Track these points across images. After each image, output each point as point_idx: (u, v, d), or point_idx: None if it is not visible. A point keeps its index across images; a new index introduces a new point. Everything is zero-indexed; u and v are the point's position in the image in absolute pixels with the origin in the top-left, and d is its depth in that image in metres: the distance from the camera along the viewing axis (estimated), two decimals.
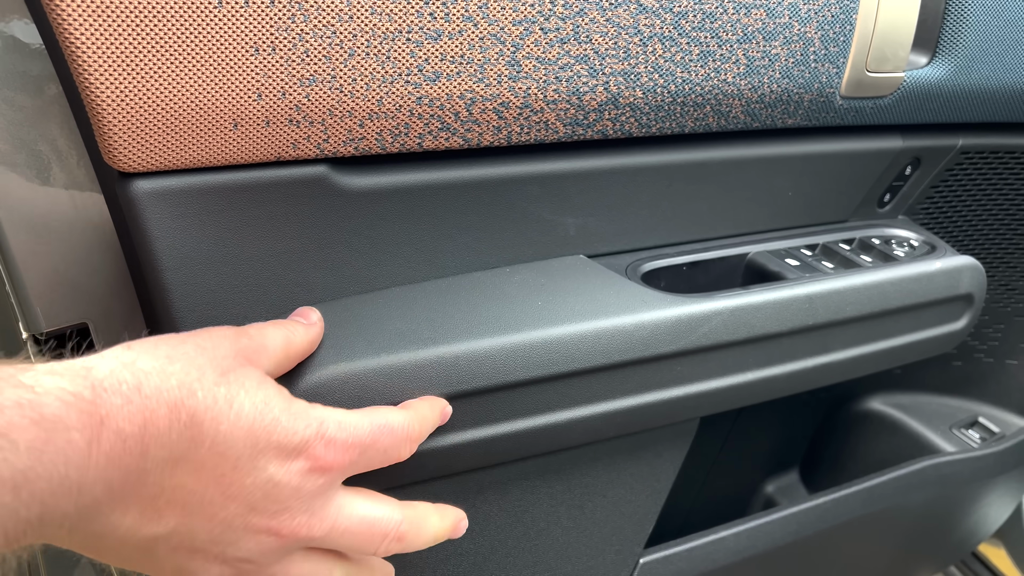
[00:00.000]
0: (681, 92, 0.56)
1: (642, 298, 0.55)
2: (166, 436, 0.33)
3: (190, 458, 0.35)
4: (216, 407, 0.35)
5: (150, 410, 0.33)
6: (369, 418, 0.42)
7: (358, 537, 0.41)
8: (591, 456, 0.59)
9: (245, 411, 0.36)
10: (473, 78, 0.48)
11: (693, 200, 0.63)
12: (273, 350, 0.42)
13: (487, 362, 0.49)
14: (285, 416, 0.38)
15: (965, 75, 0.66)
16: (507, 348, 0.49)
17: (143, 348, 0.35)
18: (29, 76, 0.46)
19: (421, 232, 0.52)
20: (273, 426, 0.37)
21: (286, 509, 0.38)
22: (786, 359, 0.61)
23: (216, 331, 0.40)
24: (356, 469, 0.41)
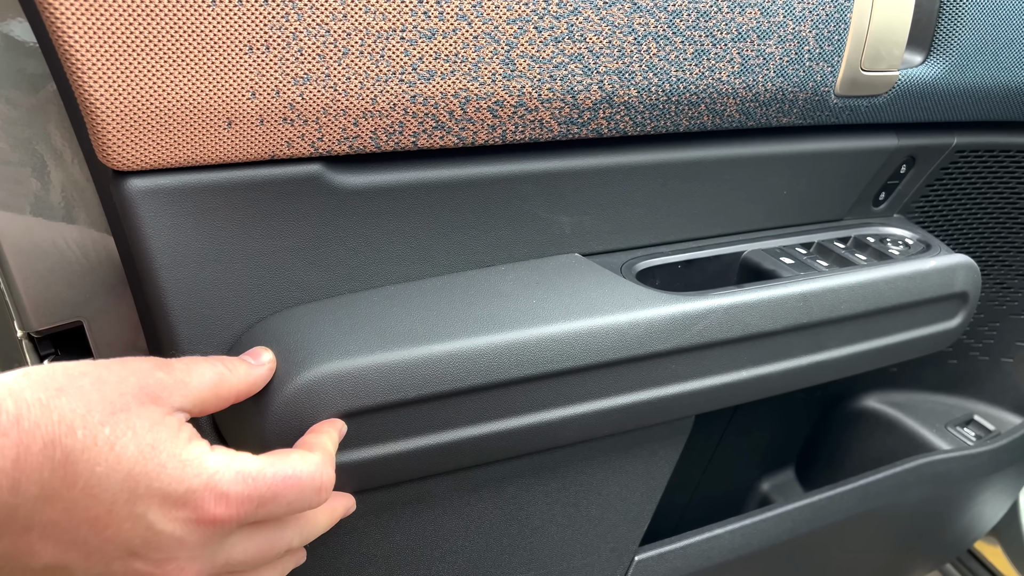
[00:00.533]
0: (676, 91, 0.56)
1: (636, 296, 0.56)
2: (38, 473, 0.32)
3: (62, 496, 0.33)
4: (95, 447, 0.34)
5: (24, 445, 0.32)
6: (274, 468, 0.39)
7: (252, 564, 0.41)
8: (586, 454, 0.60)
9: (128, 454, 0.35)
10: (467, 77, 0.48)
11: (688, 199, 0.63)
12: (197, 388, 0.40)
13: (481, 360, 0.49)
14: (172, 463, 0.36)
15: (960, 74, 0.66)
16: (501, 346, 0.49)
17: (37, 376, 0.34)
18: (25, 74, 0.46)
19: (416, 230, 0.53)
20: (156, 472, 0.35)
21: (171, 558, 0.37)
22: (781, 357, 0.61)
23: (131, 362, 0.38)
24: (255, 519, 0.39)
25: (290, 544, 0.43)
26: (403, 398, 0.47)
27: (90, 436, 0.34)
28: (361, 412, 0.47)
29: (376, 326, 0.48)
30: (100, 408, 0.35)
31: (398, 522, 0.54)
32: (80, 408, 0.34)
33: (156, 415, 0.37)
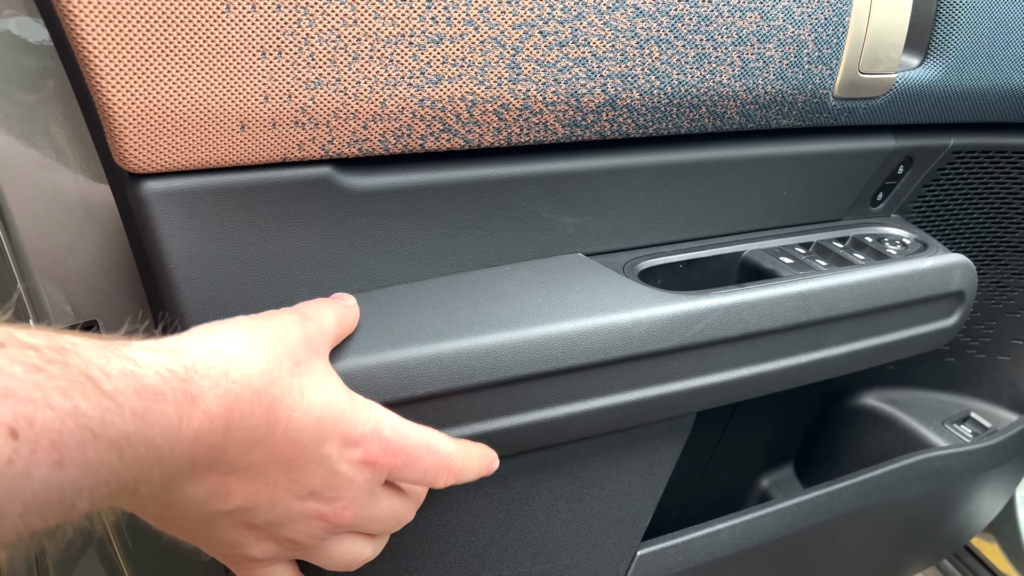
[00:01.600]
0: (677, 94, 0.57)
1: (639, 295, 0.57)
2: (247, 420, 0.36)
3: (264, 441, 0.37)
4: (291, 396, 0.38)
5: (235, 394, 0.35)
6: (419, 433, 0.44)
7: (384, 526, 0.45)
8: (589, 450, 0.61)
9: (314, 402, 0.39)
10: (474, 80, 0.49)
11: (689, 199, 0.64)
12: (329, 332, 0.44)
13: (488, 358, 0.50)
14: (348, 408, 0.41)
15: (956, 76, 0.67)
16: (507, 344, 0.50)
17: (228, 333, 0.38)
18: (28, 72, 0.47)
19: (423, 231, 0.54)
20: (338, 417, 0.40)
21: (338, 497, 0.41)
22: (780, 355, 0.62)
23: (283, 316, 0.42)
24: (393, 477, 0.43)
25: (405, 519, 0.46)
26: (412, 395, 0.48)
27: (285, 385, 0.38)
28: None
29: (385, 325, 0.49)
30: (287, 360, 0.39)
31: None
32: (272, 360, 0.38)
33: (323, 365, 0.41)
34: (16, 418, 0.26)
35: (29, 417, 0.26)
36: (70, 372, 0.28)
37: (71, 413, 0.27)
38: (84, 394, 0.28)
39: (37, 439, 0.26)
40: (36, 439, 0.26)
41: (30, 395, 0.26)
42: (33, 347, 0.28)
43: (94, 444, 0.28)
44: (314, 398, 0.39)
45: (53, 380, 0.27)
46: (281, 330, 0.40)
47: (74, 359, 0.29)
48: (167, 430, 0.32)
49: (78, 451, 0.28)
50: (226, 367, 0.35)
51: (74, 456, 0.27)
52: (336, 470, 0.40)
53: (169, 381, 0.33)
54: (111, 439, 0.29)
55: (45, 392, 0.27)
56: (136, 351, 0.33)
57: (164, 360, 0.33)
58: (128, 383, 0.31)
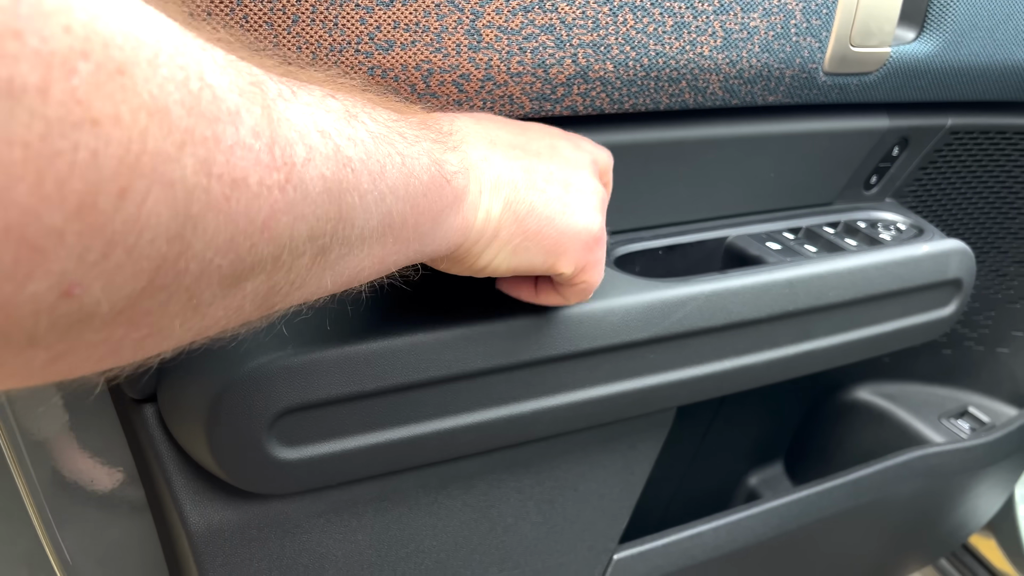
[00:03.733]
0: (655, 66, 0.53)
1: (613, 283, 0.53)
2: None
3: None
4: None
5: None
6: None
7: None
8: (561, 448, 0.57)
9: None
10: (429, 47, 0.45)
11: (669, 181, 0.60)
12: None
13: (445, 350, 0.46)
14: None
15: (954, 51, 0.64)
16: (467, 336, 0.47)
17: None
18: None
19: None
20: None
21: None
22: (766, 346, 0.59)
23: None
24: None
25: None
26: (361, 390, 0.44)
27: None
28: (316, 405, 0.44)
29: (333, 315, 0.46)
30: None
31: (360, 521, 0.51)
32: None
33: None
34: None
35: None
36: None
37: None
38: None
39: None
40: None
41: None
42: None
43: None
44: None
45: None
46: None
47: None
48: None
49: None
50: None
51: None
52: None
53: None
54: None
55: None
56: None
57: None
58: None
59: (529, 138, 0.44)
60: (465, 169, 0.38)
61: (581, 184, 0.44)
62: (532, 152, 0.43)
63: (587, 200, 0.44)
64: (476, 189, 0.38)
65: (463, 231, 0.38)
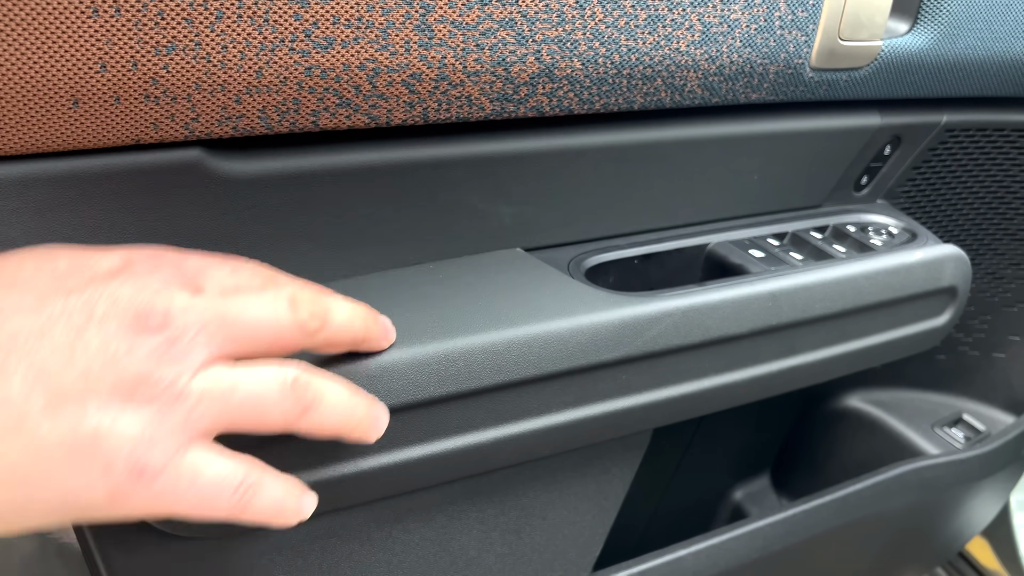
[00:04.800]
0: (627, 63, 0.49)
1: (581, 298, 0.49)
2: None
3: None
4: None
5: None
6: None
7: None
8: (528, 475, 0.53)
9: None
10: (375, 45, 0.41)
11: (646, 185, 0.56)
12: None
13: (394, 377, 0.42)
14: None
15: (950, 44, 0.60)
16: (418, 360, 0.43)
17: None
18: None
19: (323, 225, 0.46)
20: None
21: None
22: (748, 363, 0.55)
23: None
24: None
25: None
26: None
27: None
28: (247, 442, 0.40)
29: None
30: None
31: (306, 560, 0.47)
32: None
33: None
34: None
35: None
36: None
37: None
38: None
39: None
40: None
41: None
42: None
43: None
44: None
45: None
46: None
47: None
48: None
49: None
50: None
51: None
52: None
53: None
54: None
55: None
56: None
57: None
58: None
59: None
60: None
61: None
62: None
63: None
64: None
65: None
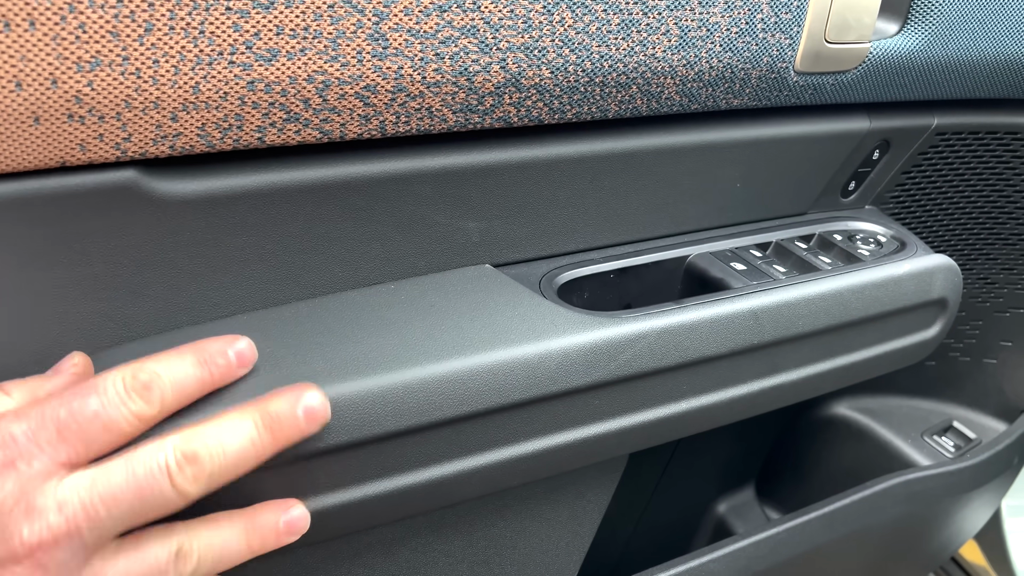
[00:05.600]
0: (599, 70, 0.46)
1: (551, 319, 0.46)
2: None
3: None
4: None
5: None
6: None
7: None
8: (497, 504, 0.51)
9: None
10: (323, 56, 0.38)
11: (622, 196, 0.53)
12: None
13: (346, 412, 0.39)
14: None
15: (942, 46, 0.57)
16: (373, 393, 0.40)
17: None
18: None
19: (275, 247, 0.43)
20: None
21: None
22: (728, 383, 0.52)
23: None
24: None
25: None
26: None
27: None
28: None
29: None
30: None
31: None
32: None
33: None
34: None
35: None
36: None
37: None
38: None
39: None
40: None
41: None
42: None
43: None
44: None
45: None
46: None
47: None
48: None
49: None
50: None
51: None
52: None
53: None
54: None
55: None
56: None
57: None
58: None
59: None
60: None
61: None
62: None
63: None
64: None
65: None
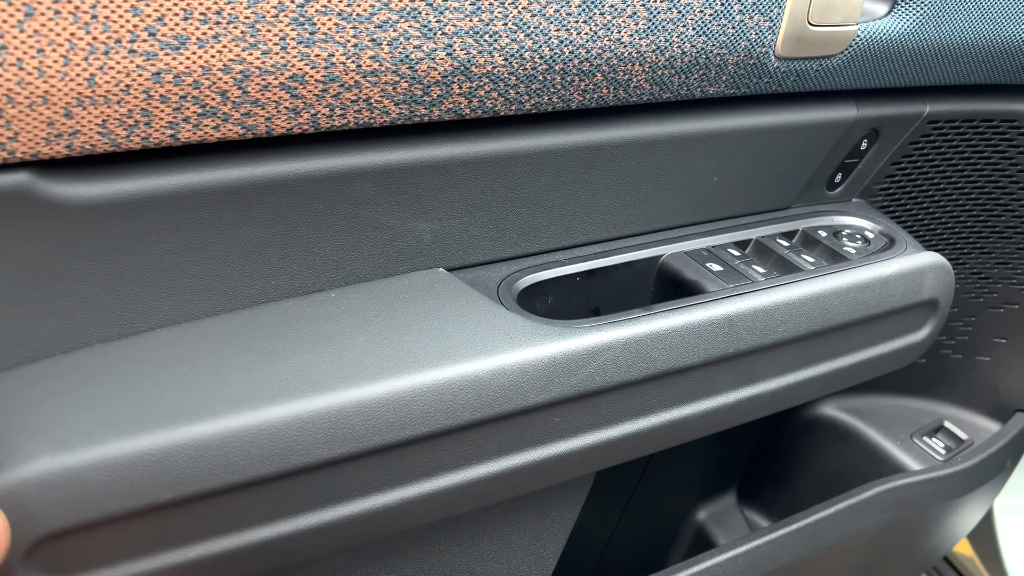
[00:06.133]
0: (559, 57, 0.42)
1: (506, 330, 0.42)
2: None
3: None
4: None
5: None
6: None
7: None
8: (451, 527, 0.47)
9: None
10: (240, 43, 0.34)
11: (589, 192, 0.49)
12: None
13: (273, 440, 0.36)
14: None
15: (934, 27, 0.54)
16: (303, 420, 0.36)
17: None
18: None
19: (196, 253, 0.39)
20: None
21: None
22: (701, 395, 0.49)
23: None
24: None
25: None
26: (154, 502, 0.34)
27: None
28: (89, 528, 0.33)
29: (120, 398, 0.35)
30: None
31: None
32: None
33: None
34: None
35: None
36: None
37: None
38: None
39: None
40: None
41: None
42: None
43: None
44: None
45: None
46: None
47: None
48: None
49: None
50: None
51: None
52: None
53: None
54: None
55: None
56: None
57: None
58: None
59: None
60: None
61: None
62: None
63: None
64: None
65: None
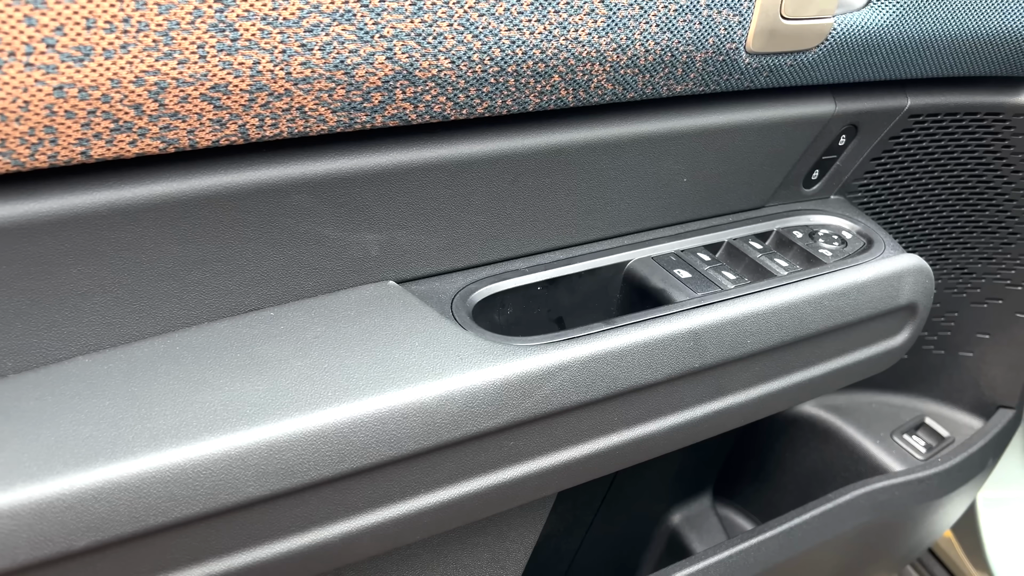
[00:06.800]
0: (511, 58, 0.39)
1: (456, 351, 0.40)
2: None
3: None
4: None
5: None
6: None
7: None
8: (403, 552, 0.45)
9: None
10: (153, 53, 0.31)
11: (549, 197, 0.47)
12: None
13: (202, 477, 0.33)
14: None
15: (914, 19, 0.51)
16: (231, 456, 0.34)
17: None
18: None
19: (120, 274, 0.36)
20: None
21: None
22: (665, 412, 0.47)
23: None
24: None
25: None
26: (67, 550, 0.31)
27: None
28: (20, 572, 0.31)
29: (26, 437, 0.33)
30: None
31: None
32: None
33: None
34: None
35: None
36: None
37: None
38: None
39: None
40: None
41: None
42: None
43: None
44: None
45: None
46: None
47: None
48: None
49: None
50: None
51: None
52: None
53: None
54: None
55: None
56: None
57: None
58: None
59: None
60: None
61: None
62: None
63: None
64: None
65: None
